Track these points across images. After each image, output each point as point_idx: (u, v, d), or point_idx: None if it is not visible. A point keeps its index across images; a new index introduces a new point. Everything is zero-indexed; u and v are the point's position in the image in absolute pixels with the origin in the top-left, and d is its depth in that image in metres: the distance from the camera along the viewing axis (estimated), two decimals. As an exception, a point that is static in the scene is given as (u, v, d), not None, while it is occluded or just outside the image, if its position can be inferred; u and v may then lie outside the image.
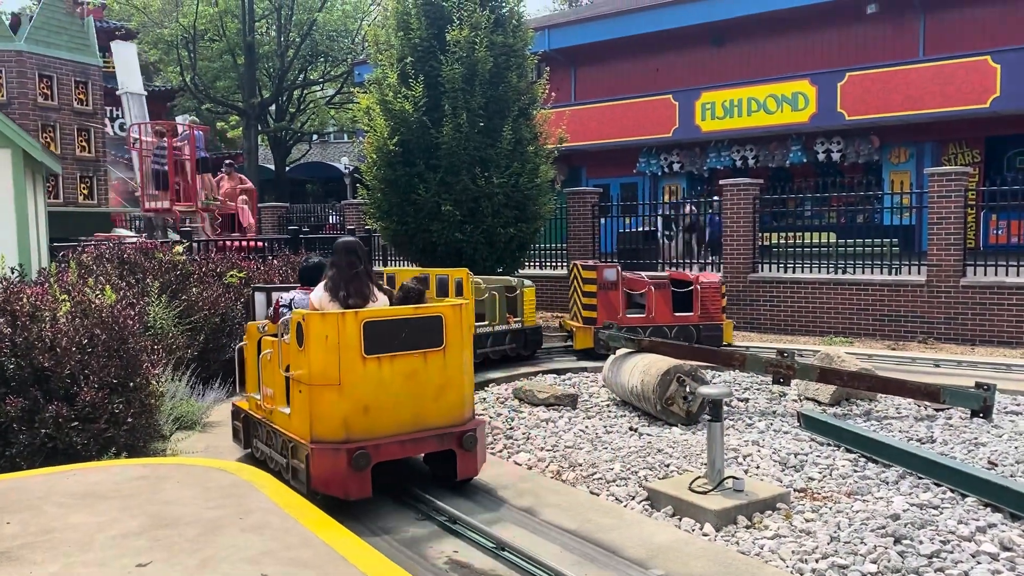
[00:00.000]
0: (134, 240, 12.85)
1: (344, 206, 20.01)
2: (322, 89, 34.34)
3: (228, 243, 12.65)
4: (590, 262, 11.71)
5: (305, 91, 33.24)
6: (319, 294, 5.35)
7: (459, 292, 9.26)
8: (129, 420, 5.82)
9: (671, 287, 10.75)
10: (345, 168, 33.12)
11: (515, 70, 12.24)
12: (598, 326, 10.26)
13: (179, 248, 9.62)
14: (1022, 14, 17.99)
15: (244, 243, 13.08)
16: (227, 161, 17.73)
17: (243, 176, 17.22)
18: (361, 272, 5.33)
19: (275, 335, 5.49)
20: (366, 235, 15.10)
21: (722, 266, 13.65)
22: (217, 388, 7.97)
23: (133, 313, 6.28)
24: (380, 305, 5.31)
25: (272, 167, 33.02)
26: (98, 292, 6.69)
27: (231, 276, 9.37)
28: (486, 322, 9.93)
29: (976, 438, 6.73)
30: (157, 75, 33.18)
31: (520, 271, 14.09)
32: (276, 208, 21.38)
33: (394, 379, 5.00)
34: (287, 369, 5.19)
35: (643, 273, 11.80)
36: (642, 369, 7.72)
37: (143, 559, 3.80)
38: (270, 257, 11.11)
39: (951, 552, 4.46)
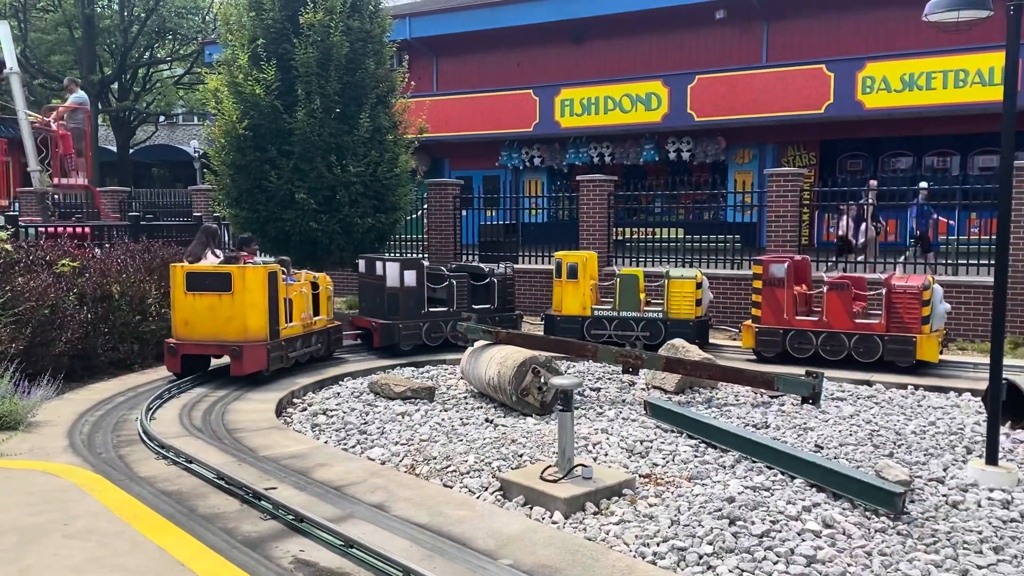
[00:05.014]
0: None
1: (192, 191, 19.08)
2: (170, 68, 32.60)
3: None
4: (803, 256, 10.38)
5: (151, 70, 31.44)
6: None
7: (572, 275, 10.78)
8: (-62, 421, 5.31)
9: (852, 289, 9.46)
10: (194, 152, 31.59)
11: (373, 56, 12.03)
12: (762, 325, 9.63)
13: (3, 234, 8.88)
14: (853, 26, 19.38)
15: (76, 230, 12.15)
16: (68, 78, 15.66)
17: (68, 103, 14.92)
18: (206, 243, 9.26)
19: None
20: (215, 222, 14.46)
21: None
22: (45, 385, 7.38)
23: (-56, 304, 5.73)
24: (208, 263, 8.88)
25: (114, 149, 31.07)
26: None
27: (63, 265, 8.74)
28: (608, 306, 10.75)
29: (806, 423, 7.19)
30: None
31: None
32: (117, 192, 20.07)
33: (201, 307, 8.33)
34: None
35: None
36: (499, 361, 7.78)
37: (-52, 574, 3.48)
38: (107, 244, 10.41)
39: (779, 531, 4.75)
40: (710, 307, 11.23)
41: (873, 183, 14.05)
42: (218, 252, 9.30)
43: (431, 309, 10.42)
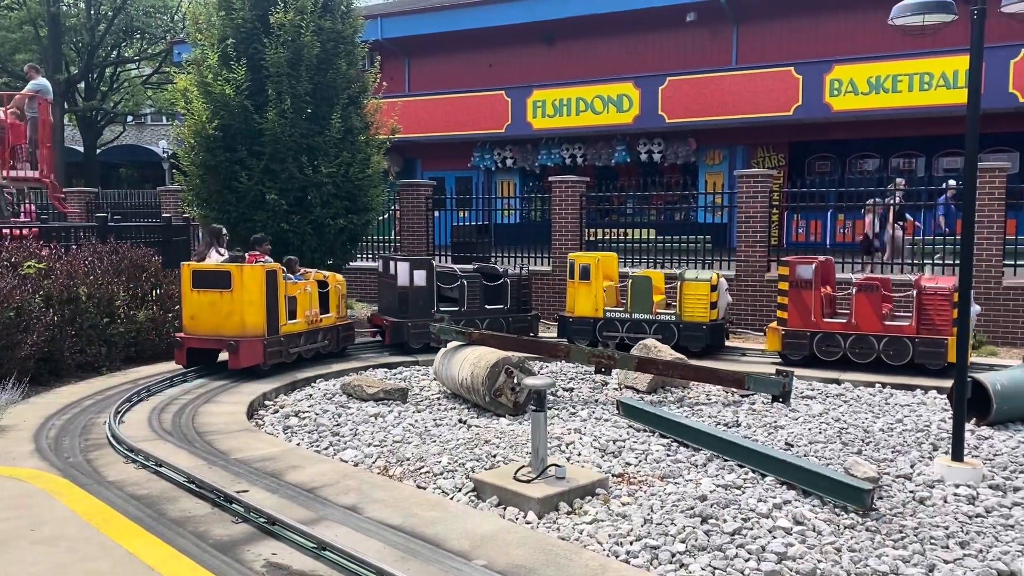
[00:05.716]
0: None
1: (161, 192, 18.86)
2: (138, 68, 32.19)
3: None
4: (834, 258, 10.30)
5: (119, 69, 31.02)
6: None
7: (584, 276, 10.79)
8: (-100, 427, 5.20)
9: (881, 291, 9.22)
10: (163, 152, 31.23)
11: (344, 57, 11.97)
12: (789, 327, 9.41)
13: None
14: (821, 30, 19.64)
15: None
16: (28, 64, 15.25)
17: (26, 89, 13.97)
18: (210, 243, 9.96)
19: None
20: (184, 223, 14.30)
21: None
22: (11, 389, 7.26)
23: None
24: (211, 262, 9.41)
25: (81, 149, 30.61)
26: None
27: (28, 266, 8.60)
28: (621, 308, 10.71)
29: (776, 421, 7.27)
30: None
31: (351, 264, 13.84)
32: (84, 193, 19.77)
33: (205, 303, 8.72)
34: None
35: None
36: (472, 361, 7.77)
37: (-89, 582, 3.41)
38: (73, 246, 10.25)
39: (751, 529, 4.79)
40: (728, 309, 11.09)
41: (900, 182, 13.77)
42: (222, 251, 9.83)
43: (442, 308, 10.57)
